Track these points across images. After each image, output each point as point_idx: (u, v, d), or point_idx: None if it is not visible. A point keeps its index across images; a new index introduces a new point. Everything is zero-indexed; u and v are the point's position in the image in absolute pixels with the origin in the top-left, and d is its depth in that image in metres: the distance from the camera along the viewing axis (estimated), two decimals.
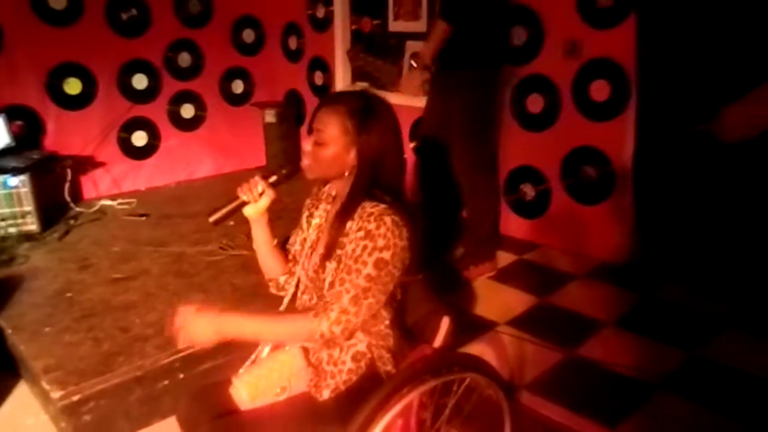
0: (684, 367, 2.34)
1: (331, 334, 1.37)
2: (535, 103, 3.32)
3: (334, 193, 1.60)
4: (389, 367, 1.53)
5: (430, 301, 1.62)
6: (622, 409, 2.09)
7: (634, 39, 2.85)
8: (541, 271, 3.16)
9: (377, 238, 1.37)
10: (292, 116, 4.76)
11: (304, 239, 1.66)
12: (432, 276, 1.67)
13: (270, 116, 4.62)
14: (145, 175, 4.34)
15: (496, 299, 2.86)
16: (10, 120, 3.51)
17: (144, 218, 3.67)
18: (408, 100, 3.47)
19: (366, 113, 1.44)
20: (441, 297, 1.64)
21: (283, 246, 1.74)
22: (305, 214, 1.69)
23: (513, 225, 3.55)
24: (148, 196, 4.14)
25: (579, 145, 3.19)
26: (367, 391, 1.36)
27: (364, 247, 1.37)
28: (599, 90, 3.05)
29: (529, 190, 3.47)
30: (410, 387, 1.33)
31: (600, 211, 3.20)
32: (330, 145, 1.44)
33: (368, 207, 1.42)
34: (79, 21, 3.83)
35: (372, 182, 1.46)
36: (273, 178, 1.58)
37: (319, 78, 4.62)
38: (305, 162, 1.51)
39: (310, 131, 1.50)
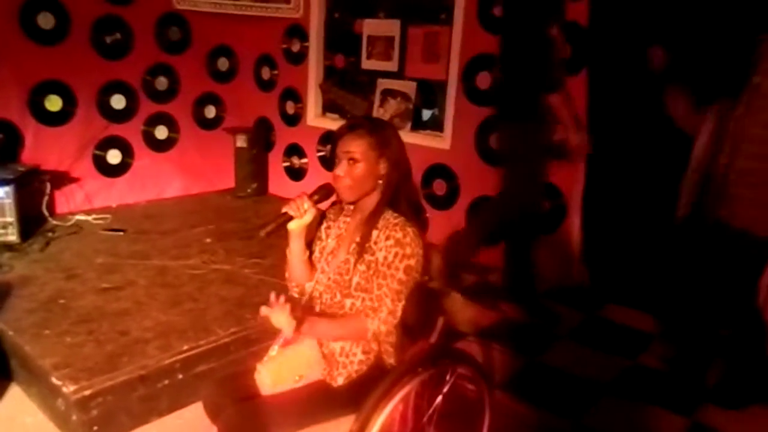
0: (626, 372, 2.71)
1: (379, 331, 1.64)
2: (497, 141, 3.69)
3: (352, 207, 1.83)
4: (392, 360, 1.77)
5: (429, 304, 1.89)
6: (579, 405, 2.43)
7: (585, 89, 3.28)
8: (501, 291, 3.47)
9: (405, 246, 1.63)
10: (262, 142, 4.98)
11: (323, 248, 1.87)
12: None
13: (241, 141, 4.82)
14: (117, 193, 4.42)
15: (462, 314, 3.15)
16: None
17: (121, 233, 3.77)
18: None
19: (381, 130, 1.72)
20: (436, 300, 1.91)
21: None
22: (323, 226, 1.90)
23: None
24: (120, 212, 4.23)
25: None
26: (374, 379, 1.61)
27: (396, 254, 1.63)
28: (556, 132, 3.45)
29: None
30: (410, 376, 1.58)
31: (552, 239, 3.57)
32: (362, 161, 1.69)
33: (391, 218, 1.68)
34: (65, 41, 3.95)
35: (400, 188, 1.71)
36: (316, 197, 1.77)
37: (290, 107, 4.86)
38: (342, 185, 1.72)
39: (335, 161, 1.73)
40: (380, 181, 1.72)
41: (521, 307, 3.16)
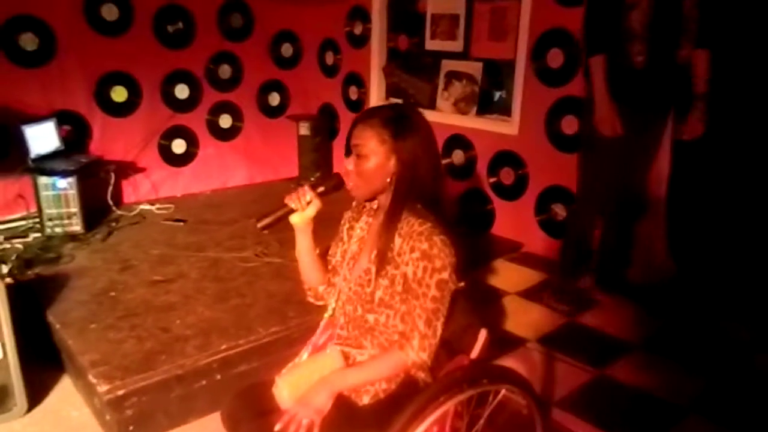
0: (714, 390, 2.36)
1: (420, 360, 1.45)
2: (569, 125, 3.37)
3: (375, 206, 1.66)
4: (426, 377, 1.58)
5: (468, 314, 1.67)
6: (654, 428, 2.12)
7: None
8: (569, 291, 3.17)
9: (434, 259, 1.43)
10: (325, 129, 4.87)
11: (345, 251, 1.71)
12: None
13: (304, 129, 4.73)
14: (182, 182, 4.46)
15: (525, 317, 2.89)
16: (59, 125, 3.65)
17: (181, 224, 3.78)
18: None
19: (399, 122, 1.50)
20: (477, 310, 1.69)
21: (323, 256, 1.78)
22: (345, 226, 1.74)
23: (542, 244, 3.58)
24: (184, 202, 4.26)
25: None
26: (405, 398, 1.41)
27: (425, 269, 1.43)
28: None
29: (560, 210, 3.50)
30: (447, 396, 1.37)
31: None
32: (371, 157, 1.50)
33: (416, 225, 1.47)
34: (128, 32, 3.98)
35: (413, 189, 1.51)
36: (321, 189, 1.63)
37: (353, 93, 4.72)
38: (350, 183, 1.56)
39: (348, 152, 1.56)
40: (388, 180, 1.52)
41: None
